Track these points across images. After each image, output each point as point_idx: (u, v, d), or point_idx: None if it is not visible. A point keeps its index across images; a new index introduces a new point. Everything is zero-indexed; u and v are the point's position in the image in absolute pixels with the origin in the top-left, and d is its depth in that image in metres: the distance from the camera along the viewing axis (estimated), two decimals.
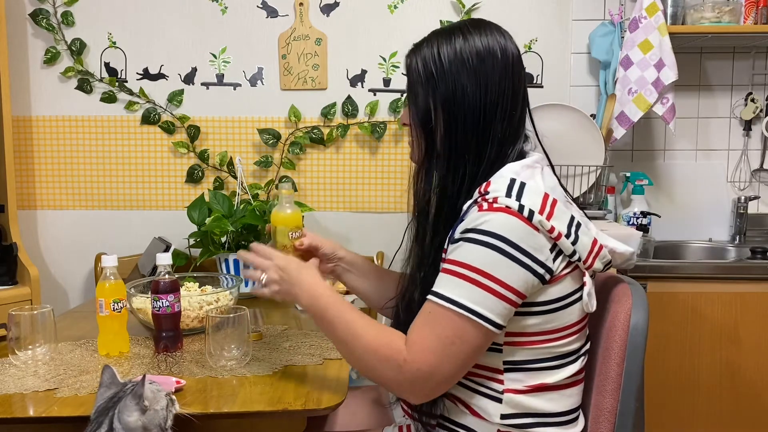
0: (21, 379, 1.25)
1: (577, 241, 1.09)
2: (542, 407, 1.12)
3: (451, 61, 1.14)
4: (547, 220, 1.05)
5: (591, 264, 1.11)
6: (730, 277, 2.01)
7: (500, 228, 1.03)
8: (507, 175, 1.10)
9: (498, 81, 1.14)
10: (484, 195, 1.09)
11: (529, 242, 1.04)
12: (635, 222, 2.30)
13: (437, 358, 1.05)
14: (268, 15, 2.37)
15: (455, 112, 1.14)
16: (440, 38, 1.17)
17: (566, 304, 1.11)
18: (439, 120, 1.15)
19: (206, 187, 2.41)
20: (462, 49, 1.14)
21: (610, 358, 1.17)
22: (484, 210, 1.06)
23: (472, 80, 1.13)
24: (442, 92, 1.14)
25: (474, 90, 1.13)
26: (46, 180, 2.43)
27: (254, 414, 1.12)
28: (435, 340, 1.05)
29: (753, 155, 2.46)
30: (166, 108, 2.40)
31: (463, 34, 1.15)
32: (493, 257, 1.03)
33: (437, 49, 1.15)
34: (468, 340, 1.04)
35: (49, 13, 2.35)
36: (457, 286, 1.04)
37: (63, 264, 2.46)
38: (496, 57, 1.14)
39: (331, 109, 2.38)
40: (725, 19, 2.17)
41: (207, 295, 1.56)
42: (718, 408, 2.04)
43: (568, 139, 2.16)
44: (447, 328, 1.04)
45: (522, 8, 2.36)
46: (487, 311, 1.03)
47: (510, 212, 1.04)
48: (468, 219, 1.07)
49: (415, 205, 1.26)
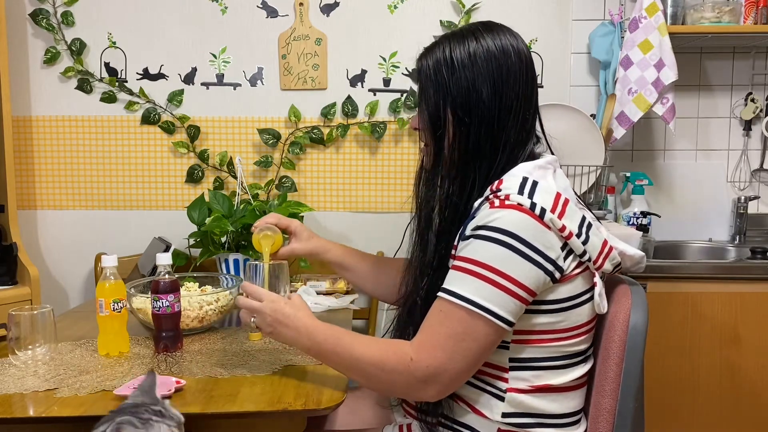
0: (21, 379, 1.25)
1: (587, 241, 1.09)
2: (544, 408, 1.12)
3: (464, 64, 1.12)
4: (559, 219, 1.05)
5: (601, 265, 1.12)
6: (730, 277, 2.01)
7: (512, 225, 1.03)
8: (519, 174, 1.10)
9: (513, 84, 1.12)
10: (495, 192, 1.09)
11: (541, 240, 1.04)
12: (635, 222, 2.30)
13: (446, 355, 1.04)
14: (268, 15, 2.37)
15: (469, 117, 1.12)
16: (452, 41, 1.15)
17: (576, 304, 1.11)
18: (451, 126, 1.14)
19: (206, 187, 2.41)
20: (476, 52, 1.12)
21: (609, 358, 1.17)
22: (496, 207, 1.05)
23: (488, 84, 1.11)
24: (455, 97, 1.12)
25: (489, 94, 1.11)
26: (46, 180, 2.43)
27: (254, 414, 1.12)
28: (444, 337, 1.05)
29: (753, 155, 2.46)
30: (166, 108, 2.40)
31: (476, 36, 1.14)
32: (504, 254, 1.03)
33: (450, 52, 1.13)
34: (478, 337, 1.04)
35: (49, 13, 2.35)
36: (467, 282, 1.04)
37: (63, 264, 2.46)
38: (510, 59, 1.13)
39: (331, 109, 2.38)
40: (725, 19, 2.17)
41: (207, 295, 1.56)
42: (718, 408, 2.04)
43: (568, 139, 2.16)
44: (457, 324, 1.04)
45: (522, 8, 2.36)
46: (498, 308, 1.03)
47: (522, 209, 1.04)
48: (479, 216, 1.07)
49: (419, 210, 1.25)
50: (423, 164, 1.25)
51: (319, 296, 1.88)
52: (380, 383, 1.11)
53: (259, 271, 1.33)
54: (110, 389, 1.18)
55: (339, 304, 1.85)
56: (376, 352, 1.09)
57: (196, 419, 1.09)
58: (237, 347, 1.45)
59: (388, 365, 1.07)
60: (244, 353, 1.41)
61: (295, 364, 1.33)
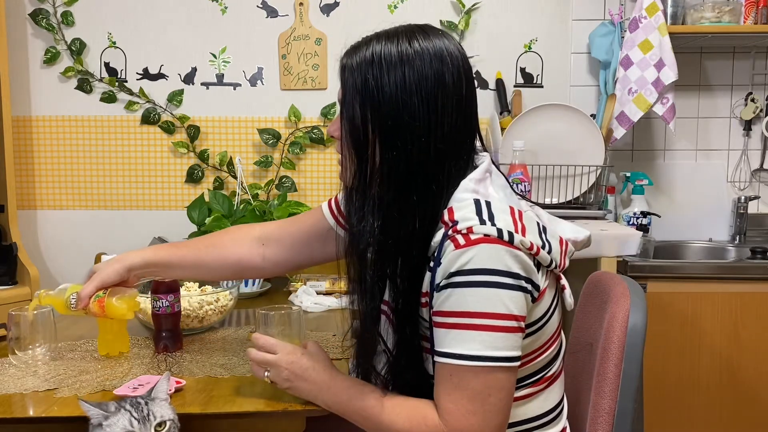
0: (21, 379, 1.25)
1: (551, 249, 1.03)
2: (526, 413, 1.09)
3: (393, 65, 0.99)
4: (524, 237, 0.97)
5: (563, 265, 1.07)
6: (730, 277, 2.01)
7: (488, 261, 0.94)
8: (467, 198, 1.00)
9: (452, 93, 1.00)
10: (453, 226, 0.97)
11: (517, 265, 0.96)
12: (635, 222, 2.30)
13: (479, 418, 0.96)
14: (268, 15, 2.37)
15: (400, 130, 0.98)
16: (382, 41, 1.02)
17: (548, 318, 1.06)
18: (377, 145, 1.00)
19: (206, 187, 2.41)
20: (406, 53, 0.99)
21: (608, 358, 1.17)
22: (462, 246, 0.95)
23: (421, 89, 0.98)
24: (383, 104, 0.98)
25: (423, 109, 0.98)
26: (46, 180, 2.43)
27: (254, 414, 1.12)
28: (471, 401, 0.96)
29: (753, 155, 2.45)
30: (166, 108, 2.40)
31: (408, 37, 1.02)
32: (491, 294, 0.95)
33: (379, 51, 1.00)
34: (502, 387, 0.97)
35: (49, 13, 2.35)
36: (467, 339, 0.95)
37: (63, 264, 2.46)
38: (445, 62, 1.00)
39: (331, 108, 2.38)
40: (725, 19, 2.17)
41: (207, 295, 1.56)
42: (718, 408, 2.04)
43: (568, 139, 2.16)
44: (477, 384, 0.96)
45: (522, 8, 2.35)
46: (506, 351, 0.96)
47: (491, 241, 0.95)
48: (447, 261, 0.96)
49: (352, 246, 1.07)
50: (340, 177, 1.10)
51: (319, 296, 1.88)
52: None
53: (269, 320, 1.18)
54: (110, 389, 1.18)
55: (339, 304, 1.85)
56: (407, 419, 1.01)
57: (196, 419, 1.09)
58: (237, 347, 1.45)
59: None
60: (244, 353, 1.40)
61: None
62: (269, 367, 1.10)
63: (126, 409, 0.98)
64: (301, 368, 1.08)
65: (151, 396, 1.02)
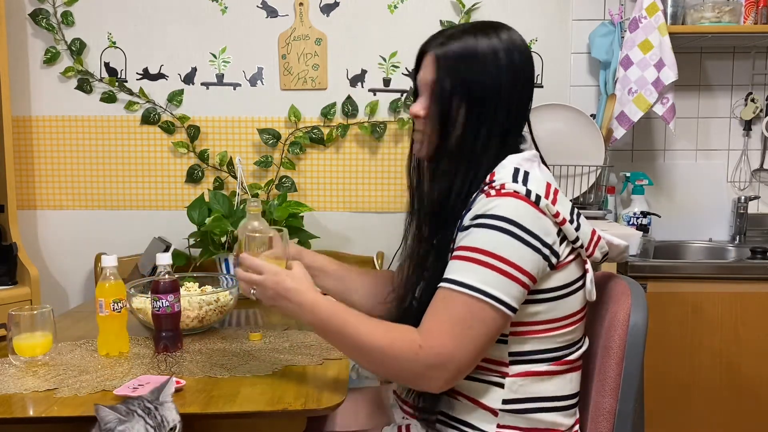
0: (21, 379, 1.25)
1: (579, 228, 1.12)
2: (543, 391, 1.13)
3: (488, 59, 1.12)
4: (553, 205, 1.08)
5: (592, 252, 1.15)
6: (730, 277, 2.01)
7: (510, 212, 1.05)
8: (510, 165, 1.12)
9: (528, 77, 1.16)
10: (490, 183, 1.10)
11: (538, 226, 1.06)
12: (635, 222, 2.30)
13: (455, 342, 1.04)
14: (268, 15, 2.37)
15: (484, 113, 1.13)
16: (469, 34, 1.15)
17: (569, 292, 1.12)
18: (462, 119, 1.14)
19: (206, 187, 2.41)
20: (496, 46, 1.13)
21: (609, 358, 1.17)
22: (492, 196, 1.07)
23: (508, 77, 1.12)
24: (475, 89, 1.12)
25: (509, 87, 1.13)
26: (46, 180, 2.43)
27: (254, 414, 1.12)
28: (452, 325, 1.05)
29: (753, 155, 2.45)
30: (166, 108, 2.40)
31: (487, 32, 1.15)
32: (505, 240, 1.04)
33: (472, 44, 1.13)
34: (485, 323, 1.05)
35: (49, 13, 2.35)
36: (469, 270, 1.05)
37: (63, 264, 2.46)
38: (522, 53, 1.15)
39: (331, 109, 2.38)
40: (725, 19, 2.17)
41: (207, 295, 1.56)
42: (718, 408, 2.04)
43: (568, 139, 2.16)
44: (463, 312, 1.04)
45: (522, 8, 2.36)
46: (502, 293, 1.04)
47: (518, 197, 1.06)
48: (476, 206, 1.08)
49: (415, 204, 1.24)
50: (413, 152, 1.24)
51: None
52: (385, 368, 1.10)
53: (256, 242, 1.24)
54: (110, 389, 1.18)
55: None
56: (383, 336, 1.08)
57: (196, 419, 1.09)
58: (237, 347, 1.45)
59: (395, 351, 1.06)
60: (244, 353, 1.41)
61: (295, 365, 1.33)
62: (255, 287, 1.17)
63: (138, 414, 0.98)
64: (285, 289, 1.14)
65: (160, 400, 1.02)
